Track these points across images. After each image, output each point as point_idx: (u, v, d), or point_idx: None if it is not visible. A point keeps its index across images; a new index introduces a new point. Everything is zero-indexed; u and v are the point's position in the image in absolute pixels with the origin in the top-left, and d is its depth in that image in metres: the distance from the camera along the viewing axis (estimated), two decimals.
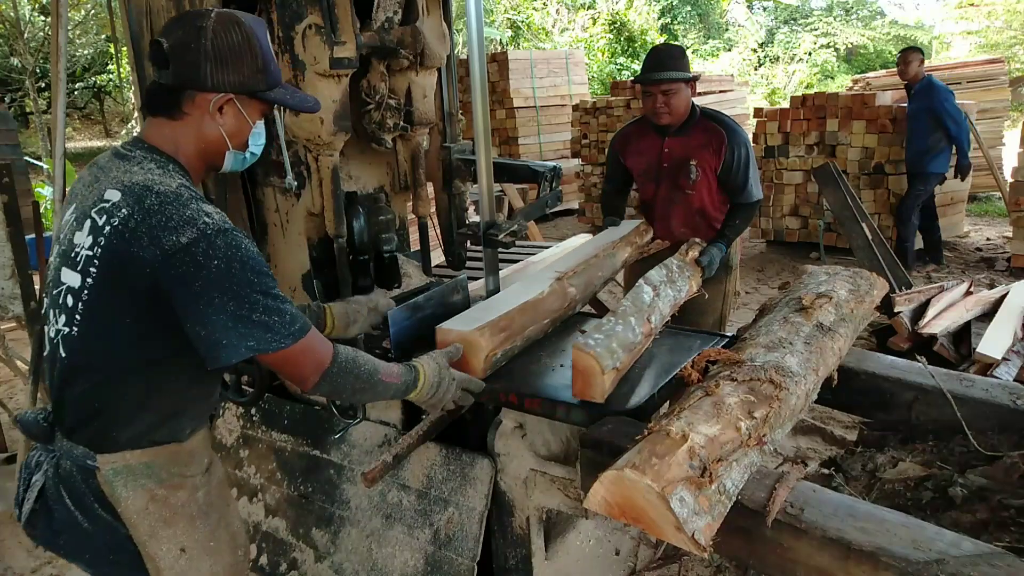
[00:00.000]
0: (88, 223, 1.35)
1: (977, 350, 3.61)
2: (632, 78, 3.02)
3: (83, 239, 1.35)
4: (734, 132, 2.88)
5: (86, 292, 1.35)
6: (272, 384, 2.29)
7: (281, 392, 2.45)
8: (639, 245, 2.96)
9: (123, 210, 1.32)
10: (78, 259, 1.35)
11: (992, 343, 3.66)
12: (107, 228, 1.32)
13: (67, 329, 1.38)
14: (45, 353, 1.48)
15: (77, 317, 1.36)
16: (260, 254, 1.38)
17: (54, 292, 1.40)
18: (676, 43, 3.25)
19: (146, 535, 1.43)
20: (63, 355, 1.40)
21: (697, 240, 2.69)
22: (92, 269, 1.34)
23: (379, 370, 1.55)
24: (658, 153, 2.97)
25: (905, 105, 6.23)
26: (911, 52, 5.99)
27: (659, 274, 2.30)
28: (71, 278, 1.37)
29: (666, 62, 2.82)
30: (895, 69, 6.48)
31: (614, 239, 2.81)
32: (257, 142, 1.53)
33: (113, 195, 1.35)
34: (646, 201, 3.12)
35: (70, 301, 1.37)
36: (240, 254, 1.32)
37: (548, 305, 2.19)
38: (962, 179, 6.20)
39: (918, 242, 6.28)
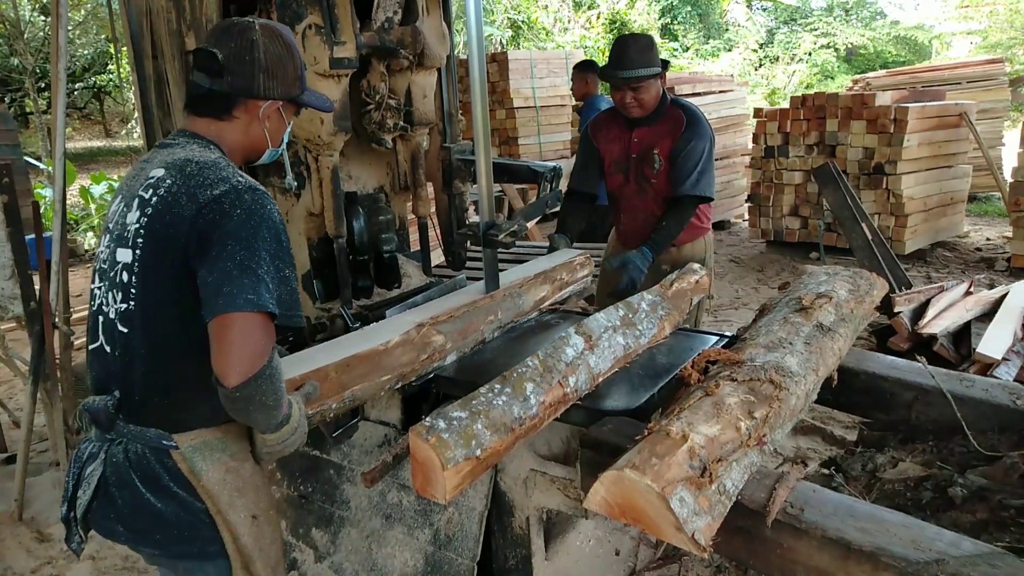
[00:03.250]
0: (136, 201, 1.44)
1: (977, 350, 3.61)
2: (601, 68, 2.86)
3: (133, 217, 1.43)
4: (695, 122, 2.79)
5: (137, 264, 1.41)
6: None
7: None
8: (564, 282, 2.59)
9: (167, 181, 1.42)
10: (128, 236, 1.43)
11: (992, 343, 3.66)
12: (153, 199, 1.41)
13: (124, 306, 1.43)
14: (96, 344, 1.49)
15: (133, 291, 1.42)
16: (284, 226, 1.43)
17: (110, 274, 1.46)
18: (643, 32, 3.14)
19: (225, 505, 1.49)
20: (124, 331, 1.43)
21: (695, 266, 2.43)
22: (140, 240, 1.41)
23: (285, 392, 1.43)
24: (627, 143, 2.90)
25: (907, 106, 6.20)
26: (590, 67, 4.92)
27: (609, 316, 1.90)
28: (125, 255, 1.43)
29: (634, 58, 2.70)
30: (895, 69, 6.40)
31: (531, 273, 2.47)
32: (286, 139, 1.69)
33: (158, 172, 1.44)
34: (613, 192, 3.04)
35: (125, 277, 1.43)
36: (263, 212, 1.38)
37: (393, 358, 1.84)
38: None
39: None
